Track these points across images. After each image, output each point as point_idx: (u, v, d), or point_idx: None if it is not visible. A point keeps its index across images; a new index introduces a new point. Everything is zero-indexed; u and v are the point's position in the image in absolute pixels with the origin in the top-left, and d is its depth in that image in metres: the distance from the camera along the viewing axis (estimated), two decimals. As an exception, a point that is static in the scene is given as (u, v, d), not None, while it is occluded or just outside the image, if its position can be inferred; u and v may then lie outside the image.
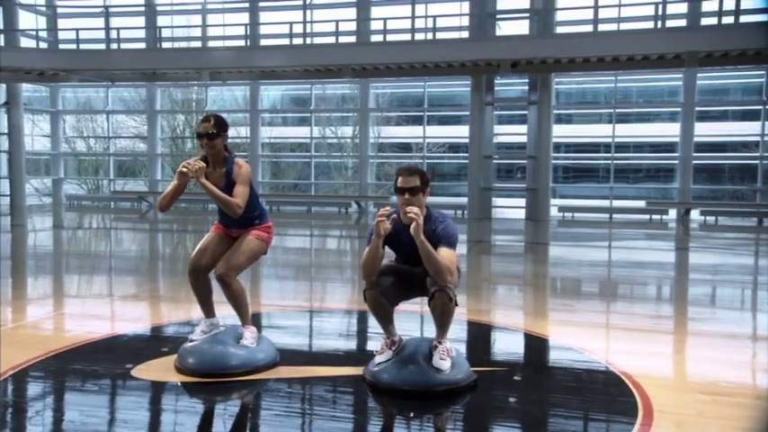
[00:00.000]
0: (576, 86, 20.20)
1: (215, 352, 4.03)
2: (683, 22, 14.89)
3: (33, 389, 3.93)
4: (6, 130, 19.47)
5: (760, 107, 16.43)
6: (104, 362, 4.29)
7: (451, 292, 3.69)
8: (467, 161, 16.62)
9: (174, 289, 7.32)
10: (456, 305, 3.73)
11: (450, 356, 3.83)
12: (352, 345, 5.20)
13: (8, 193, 19.64)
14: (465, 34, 16.15)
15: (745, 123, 18.63)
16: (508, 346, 5.16)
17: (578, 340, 4.86)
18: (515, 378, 4.09)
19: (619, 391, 3.78)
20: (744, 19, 13.42)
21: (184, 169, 3.87)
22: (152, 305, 6.51)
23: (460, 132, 17.65)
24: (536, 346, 5.04)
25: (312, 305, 6.82)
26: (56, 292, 7.41)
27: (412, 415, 3.57)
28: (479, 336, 5.35)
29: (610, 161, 17.53)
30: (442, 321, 3.80)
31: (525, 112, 16.39)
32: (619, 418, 3.45)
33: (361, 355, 4.38)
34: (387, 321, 3.94)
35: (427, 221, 3.72)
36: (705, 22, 14.39)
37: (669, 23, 14.42)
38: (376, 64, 15.43)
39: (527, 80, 16.23)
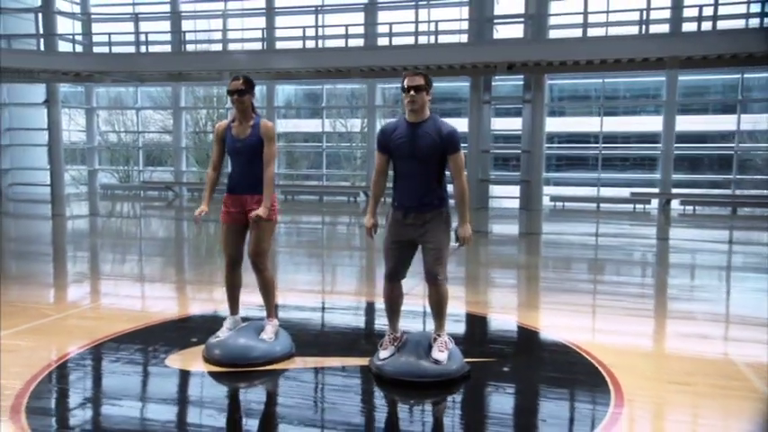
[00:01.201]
0: (569, 82, 20.16)
1: (238, 345, 4.19)
2: (665, 27, 14.82)
3: (78, 376, 4.08)
4: (46, 126, 19.69)
5: (737, 102, 16.44)
6: (141, 351, 4.46)
7: (441, 279, 3.91)
8: (465, 150, 16.65)
9: (201, 276, 7.49)
10: (447, 282, 3.95)
11: (448, 348, 3.98)
12: (359, 333, 5.29)
13: (49, 182, 19.91)
14: (464, 37, 16.11)
15: (725, 116, 18.59)
16: (499, 337, 5.30)
17: (561, 330, 5.00)
18: (504, 369, 4.23)
19: (594, 381, 3.92)
20: (721, 25, 13.37)
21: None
22: (180, 293, 6.66)
23: (460, 124, 17.67)
24: (523, 336, 5.16)
25: (323, 288, 6.97)
26: (95, 282, 7.58)
27: (412, 402, 3.72)
28: (473, 327, 5.46)
29: (598, 151, 17.56)
30: (439, 311, 3.99)
31: (521, 105, 16.38)
32: (593, 406, 3.61)
33: (367, 345, 4.52)
34: (395, 315, 4.11)
35: (429, 120, 3.89)
36: (686, 27, 14.33)
37: (653, 28, 14.36)
38: (382, 66, 15.45)
39: (522, 78, 16.23)
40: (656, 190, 16.33)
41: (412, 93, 3.80)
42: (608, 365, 4.15)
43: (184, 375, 4.10)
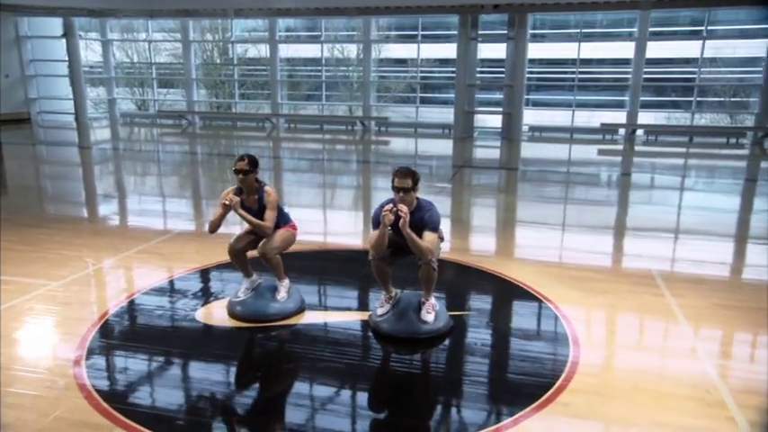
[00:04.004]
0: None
1: (257, 304, 4.42)
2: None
3: (122, 331, 4.28)
4: (66, 58, 19.14)
5: (702, 28, 15.98)
6: (172, 305, 4.67)
7: (433, 263, 4.03)
8: (453, 74, 16.26)
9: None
10: (436, 271, 4.06)
11: (435, 311, 4.22)
12: (360, 288, 5.30)
13: (73, 111, 19.62)
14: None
15: (691, 42, 18.09)
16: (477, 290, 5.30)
17: (533, 279, 5.22)
18: (483, 320, 4.48)
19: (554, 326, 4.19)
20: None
21: (226, 201, 4.14)
22: (205, 241, 6.71)
23: (448, 49, 17.29)
24: (498, 288, 5.22)
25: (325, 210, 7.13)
26: (127, 228, 7.70)
27: (404, 353, 3.98)
28: (457, 279, 5.46)
29: (574, 74, 17.09)
30: (428, 286, 4.18)
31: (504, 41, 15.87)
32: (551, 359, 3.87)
33: (367, 299, 4.74)
34: (386, 282, 4.30)
35: (417, 210, 3.98)
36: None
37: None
38: (377, 5, 14.89)
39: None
40: (623, 121, 16.21)
41: (401, 194, 3.89)
42: (571, 319, 4.40)
43: (212, 329, 4.31)
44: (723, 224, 7.62)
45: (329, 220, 8.03)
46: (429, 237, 3.96)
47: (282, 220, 4.44)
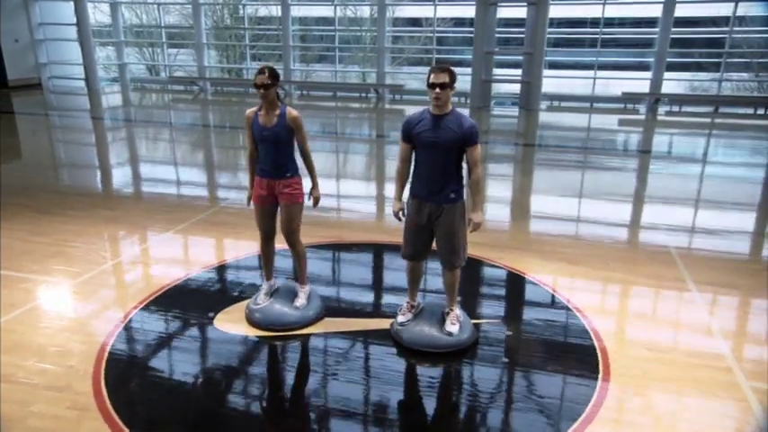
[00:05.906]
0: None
1: (277, 311, 4.32)
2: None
3: (142, 343, 4.18)
4: (75, 21, 18.78)
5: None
6: (187, 311, 4.55)
7: (456, 267, 3.99)
8: (470, 34, 15.76)
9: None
10: (460, 272, 4.04)
11: (460, 321, 4.11)
12: (381, 290, 5.30)
13: (84, 76, 19.35)
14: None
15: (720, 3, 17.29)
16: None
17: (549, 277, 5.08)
18: (507, 332, 4.35)
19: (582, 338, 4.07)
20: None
21: None
22: (221, 240, 6.64)
23: (465, 9, 16.69)
24: (521, 291, 5.10)
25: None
26: (142, 217, 7.59)
27: (428, 365, 3.87)
28: (476, 280, 5.33)
29: (597, 36, 16.38)
30: (452, 290, 4.08)
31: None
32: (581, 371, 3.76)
33: (388, 308, 4.61)
34: (414, 288, 4.21)
35: (451, 114, 3.74)
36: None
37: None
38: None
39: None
40: (646, 86, 15.68)
41: (437, 90, 3.64)
42: (601, 334, 4.27)
43: (231, 337, 4.20)
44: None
45: (344, 201, 7.87)
46: (477, 154, 3.74)
47: (291, 162, 4.17)
